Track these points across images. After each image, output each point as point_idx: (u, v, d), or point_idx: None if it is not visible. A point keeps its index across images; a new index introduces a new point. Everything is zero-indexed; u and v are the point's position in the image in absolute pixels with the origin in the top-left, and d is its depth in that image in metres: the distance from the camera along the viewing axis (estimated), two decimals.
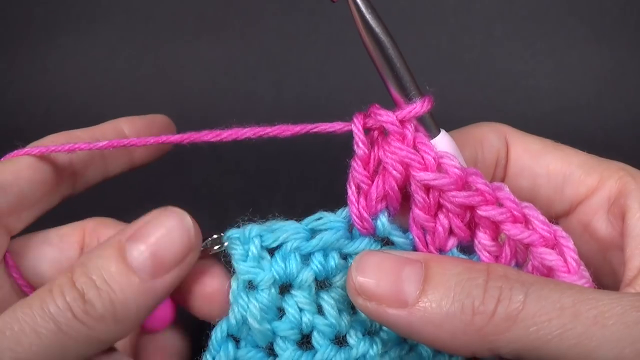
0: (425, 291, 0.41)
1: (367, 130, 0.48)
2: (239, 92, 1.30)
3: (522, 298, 0.40)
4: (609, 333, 0.38)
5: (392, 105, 0.49)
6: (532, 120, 1.25)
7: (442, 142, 0.48)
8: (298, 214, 0.49)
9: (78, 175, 0.59)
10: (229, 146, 1.32)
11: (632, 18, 1.28)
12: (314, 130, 0.48)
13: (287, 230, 0.48)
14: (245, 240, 0.48)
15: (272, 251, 0.49)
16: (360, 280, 0.43)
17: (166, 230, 0.46)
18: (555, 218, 0.56)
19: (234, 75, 1.32)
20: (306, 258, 0.49)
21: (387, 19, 0.46)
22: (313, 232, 0.49)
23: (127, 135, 0.59)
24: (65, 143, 0.55)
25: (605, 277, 0.53)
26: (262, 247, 0.48)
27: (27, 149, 0.55)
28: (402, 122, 0.47)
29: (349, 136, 0.48)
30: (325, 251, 0.48)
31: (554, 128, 1.25)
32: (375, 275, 0.43)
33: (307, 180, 0.47)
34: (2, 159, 0.56)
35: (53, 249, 0.57)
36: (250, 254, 0.48)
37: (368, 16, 0.46)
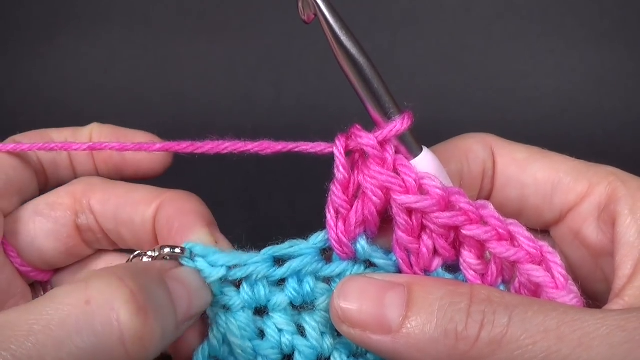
0: (408, 317, 0.41)
1: (349, 152, 0.48)
2: (239, 92, 1.30)
3: (506, 322, 0.39)
4: (594, 354, 0.38)
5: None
6: (532, 120, 1.25)
7: (425, 160, 0.47)
8: (298, 214, 0.49)
9: (49, 172, 0.59)
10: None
11: (632, 18, 1.28)
12: (296, 149, 0.48)
13: (249, 266, 0.48)
14: (208, 278, 0.48)
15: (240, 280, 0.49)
16: (343, 307, 0.43)
17: (199, 284, 0.47)
18: (545, 227, 0.55)
19: (234, 75, 1.32)
20: (279, 284, 0.49)
21: (387, 19, 0.45)
22: (285, 259, 0.49)
23: (94, 140, 0.58)
24: (38, 142, 0.55)
25: (598, 283, 0.52)
26: (222, 284, 0.48)
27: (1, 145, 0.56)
28: (382, 143, 0.46)
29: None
30: (299, 277, 0.49)
31: (554, 128, 1.25)
32: (358, 301, 0.43)
33: (307, 180, 0.47)
34: None
35: (47, 221, 0.56)
36: (213, 290, 0.48)
37: (342, 37, 0.44)
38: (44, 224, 0.56)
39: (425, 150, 0.48)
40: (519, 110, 1.26)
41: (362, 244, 0.48)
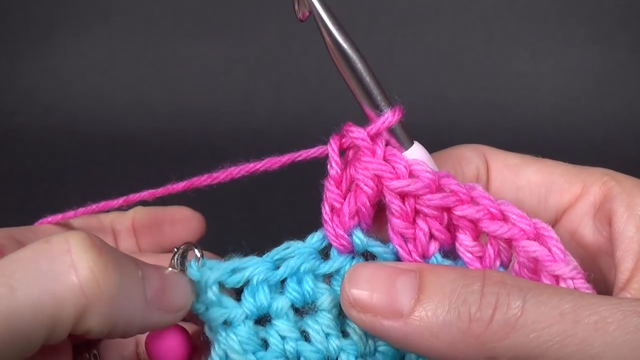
0: (420, 300, 0.40)
1: (343, 151, 0.49)
2: (239, 93, 1.30)
3: (521, 304, 0.39)
4: (610, 339, 0.38)
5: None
6: (532, 120, 1.25)
7: (415, 153, 0.48)
8: (298, 214, 0.49)
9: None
10: (228, 146, 1.32)
11: (632, 18, 1.28)
12: (299, 158, 0.49)
13: (248, 268, 0.48)
14: (202, 290, 0.48)
15: (241, 287, 0.49)
16: (354, 292, 0.42)
17: (179, 278, 0.46)
18: None
19: (234, 75, 1.32)
20: (279, 287, 0.49)
21: (387, 19, 0.46)
22: (282, 261, 0.49)
23: (135, 222, 0.63)
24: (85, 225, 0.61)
25: (596, 283, 0.51)
26: (220, 292, 0.48)
27: (50, 218, 0.59)
28: (373, 137, 0.47)
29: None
30: (297, 277, 0.48)
31: (554, 128, 1.25)
32: (369, 286, 0.42)
33: (307, 180, 0.47)
34: (37, 224, 0.59)
35: None
36: (209, 300, 0.47)
37: (336, 33, 0.46)
38: None
39: (416, 143, 0.49)
40: (519, 110, 1.26)
41: (359, 235, 0.48)
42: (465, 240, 0.47)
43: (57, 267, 0.39)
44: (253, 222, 1.05)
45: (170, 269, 0.47)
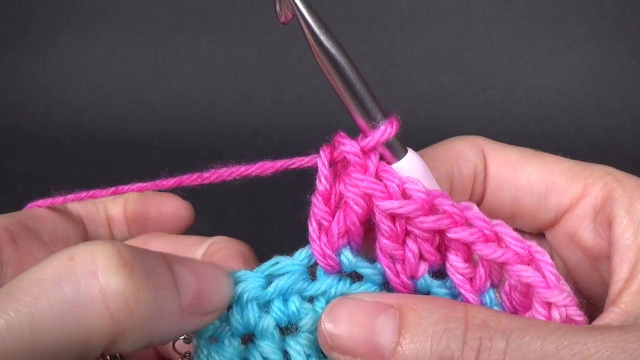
0: (401, 343, 0.39)
1: (332, 163, 0.46)
2: (239, 92, 1.30)
3: (503, 348, 0.38)
4: None
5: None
6: (532, 120, 1.25)
7: (410, 163, 0.46)
8: (298, 214, 0.49)
9: (88, 228, 0.62)
10: (228, 145, 1.32)
11: (632, 18, 1.28)
12: (292, 166, 0.46)
13: (239, 284, 0.46)
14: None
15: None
16: (332, 332, 0.41)
17: (217, 277, 0.44)
18: (540, 230, 0.54)
19: (234, 75, 1.32)
20: (266, 306, 0.47)
21: (387, 19, 0.45)
22: (271, 278, 0.47)
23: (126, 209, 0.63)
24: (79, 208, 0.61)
25: (596, 287, 0.51)
26: None
27: (41, 202, 0.59)
28: (367, 150, 0.44)
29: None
30: (284, 296, 0.47)
31: (554, 128, 1.25)
32: (347, 326, 0.41)
33: (307, 180, 0.47)
34: (26, 207, 0.59)
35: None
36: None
37: (322, 37, 0.42)
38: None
39: (410, 152, 0.46)
40: (519, 110, 1.26)
41: (347, 255, 0.46)
42: (456, 262, 0.45)
43: (84, 293, 0.36)
44: (253, 222, 1.05)
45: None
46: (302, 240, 0.48)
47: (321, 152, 0.45)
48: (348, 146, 0.44)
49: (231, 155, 0.54)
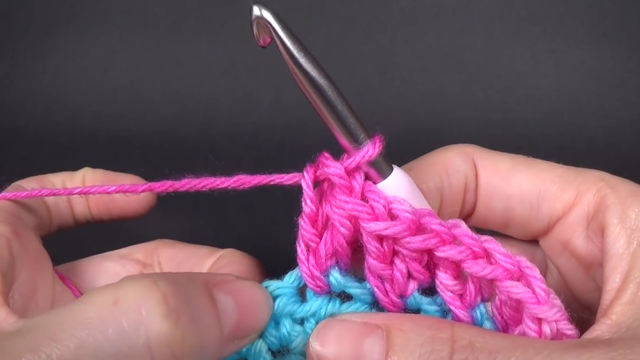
0: None
1: (317, 183, 0.46)
2: (239, 92, 1.30)
3: None
4: None
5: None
6: (532, 120, 1.25)
7: (395, 181, 0.46)
8: (298, 214, 0.48)
9: (52, 210, 0.61)
10: (228, 146, 1.32)
11: (632, 18, 1.28)
12: (271, 182, 0.46)
13: None
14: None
15: None
16: (320, 354, 0.42)
17: (257, 298, 0.44)
18: (533, 238, 0.54)
19: (234, 75, 1.32)
20: None
21: (387, 19, 0.45)
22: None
23: (86, 184, 0.62)
24: (38, 186, 0.58)
25: (590, 293, 0.51)
26: None
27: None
28: (351, 171, 0.44)
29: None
30: (275, 319, 0.47)
31: (554, 128, 1.25)
32: (336, 347, 0.41)
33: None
34: None
35: (114, 264, 0.59)
36: None
37: (301, 60, 0.43)
38: (110, 266, 0.59)
39: (395, 169, 0.46)
40: (519, 110, 1.26)
41: (335, 276, 0.46)
42: (445, 280, 0.45)
43: (129, 343, 0.36)
44: (253, 222, 1.05)
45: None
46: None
47: (305, 174, 0.45)
48: (332, 168, 0.44)
49: (231, 154, 0.54)
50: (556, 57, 1.29)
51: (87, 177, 0.62)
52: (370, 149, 0.44)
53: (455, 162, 0.52)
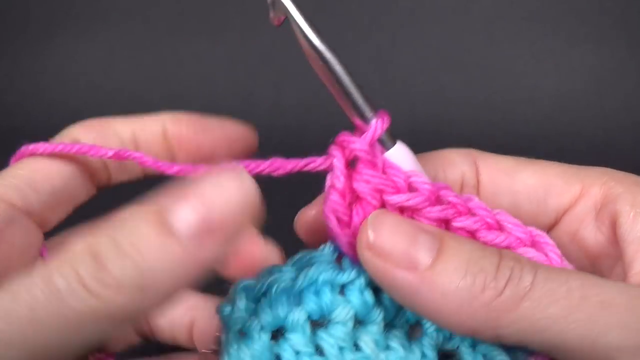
0: (438, 259, 0.41)
1: (351, 162, 0.49)
2: (239, 92, 1.30)
3: (531, 279, 0.40)
4: (615, 320, 0.38)
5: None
6: (532, 120, 1.25)
7: (399, 152, 0.48)
8: (285, 210, 0.49)
9: (111, 167, 0.55)
10: None
11: (632, 18, 1.28)
12: (306, 167, 0.48)
13: (270, 275, 0.47)
14: (232, 298, 0.46)
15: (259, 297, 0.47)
16: (375, 232, 0.43)
17: (222, 191, 0.38)
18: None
19: (234, 75, 1.32)
20: (297, 298, 0.47)
21: (387, 19, 0.45)
22: (299, 271, 0.48)
23: (168, 136, 0.56)
24: (99, 134, 0.52)
25: None
26: (247, 299, 0.47)
27: (33, 147, 0.52)
28: (370, 146, 0.48)
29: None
30: (315, 287, 0.47)
31: (554, 128, 1.25)
32: (391, 233, 0.43)
33: (307, 179, 0.47)
34: (13, 161, 0.53)
35: None
36: (236, 307, 0.46)
37: (312, 38, 0.48)
38: None
39: (398, 143, 0.49)
40: (519, 110, 1.26)
41: None
42: None
43: None
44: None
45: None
46: (300, 241, 0.49)
47: (335, 152, 0.48)
48: (358, 144, 0.47)
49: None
50: (556, 57, 1.29)
51: (168, 126, 0.57)
52: (381, 122, 0.47)
53: (453, 159, 0.54)
